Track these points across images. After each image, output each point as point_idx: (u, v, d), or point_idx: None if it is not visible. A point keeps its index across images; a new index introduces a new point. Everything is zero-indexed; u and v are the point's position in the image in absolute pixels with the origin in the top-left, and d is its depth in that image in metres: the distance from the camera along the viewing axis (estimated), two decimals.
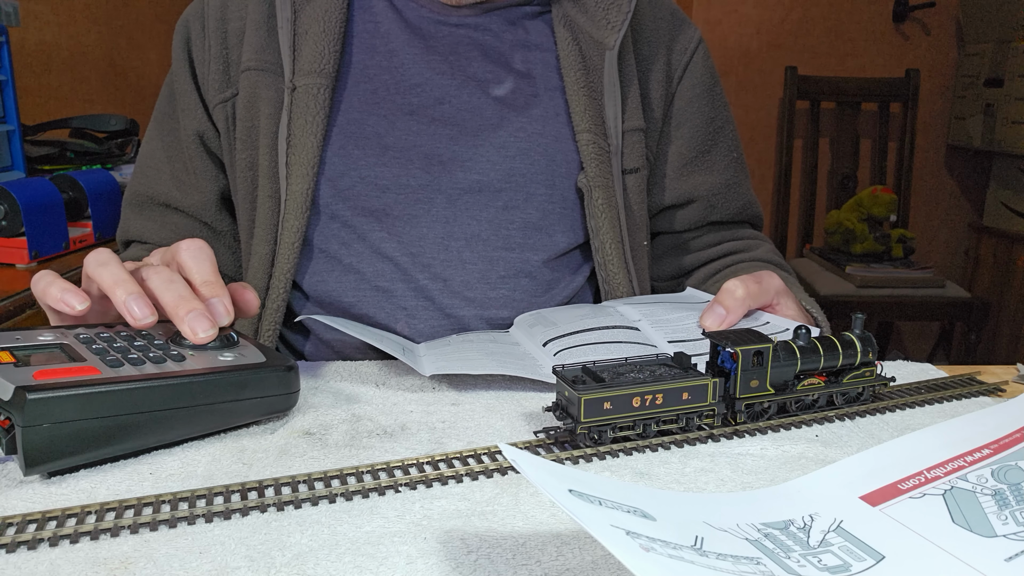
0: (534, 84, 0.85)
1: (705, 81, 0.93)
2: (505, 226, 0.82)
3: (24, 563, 0.40)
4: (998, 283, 2.65)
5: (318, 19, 0.82)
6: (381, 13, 0.85)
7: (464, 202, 0.82)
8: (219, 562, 0.40)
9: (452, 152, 0.82)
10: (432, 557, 0.41)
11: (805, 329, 0.60)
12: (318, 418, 0.58)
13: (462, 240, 0.81)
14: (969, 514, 0.42)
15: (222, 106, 0.85)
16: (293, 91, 0.80)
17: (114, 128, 1.61)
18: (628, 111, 0.86)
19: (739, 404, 0.57)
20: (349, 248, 0.81)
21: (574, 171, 0.84)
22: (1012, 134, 2.48)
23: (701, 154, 0.93)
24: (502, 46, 0.86)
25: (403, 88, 0.83)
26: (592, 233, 0.83)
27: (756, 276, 0.74)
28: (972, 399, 0.65)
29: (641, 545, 0.33)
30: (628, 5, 0.85)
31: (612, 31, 0.85)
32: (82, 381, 0.49)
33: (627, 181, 0.86)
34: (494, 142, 0.82)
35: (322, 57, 0.80)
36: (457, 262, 0.81)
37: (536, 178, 0.83)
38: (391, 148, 0.81)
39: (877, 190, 2.45)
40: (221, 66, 0.85)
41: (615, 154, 0.84)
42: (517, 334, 0.74)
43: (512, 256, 0.82)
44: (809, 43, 2.76)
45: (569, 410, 0.53)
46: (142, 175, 0.92)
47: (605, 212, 0.82)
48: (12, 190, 1.10)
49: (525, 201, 0.82)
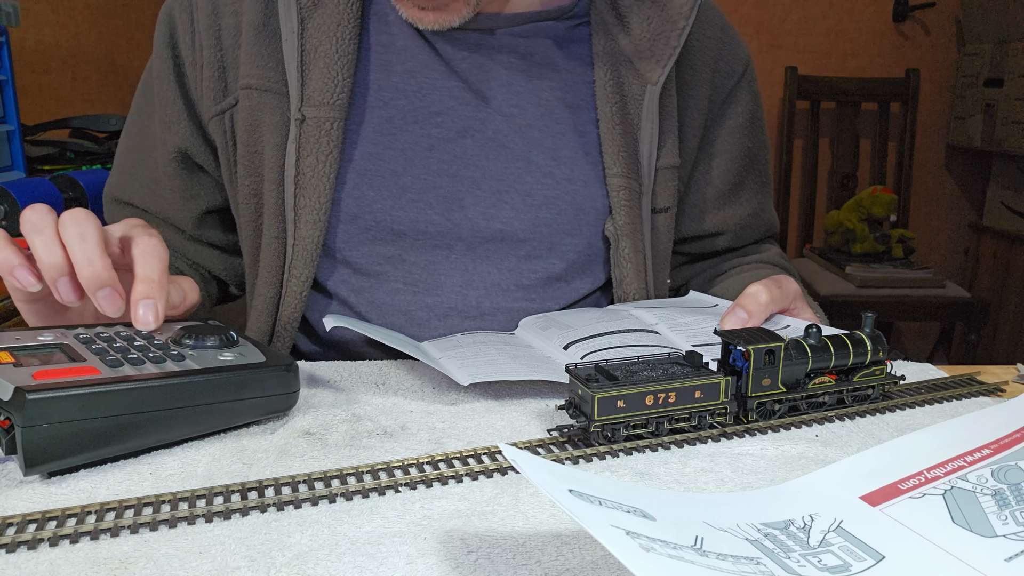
0: (563, 119, 0.78)
1: (749, 110, 0.88)
2: (527, 276, 0.78)
3: (24, 563, 0.40)
4: (998, 283, 2.65)
5: (329, 34, 0.72)
6: (397, 25, 0.77)
7: (485, 250, 0.77)
8: (219, 562, 0.40)
9: (475, 197, 0.76)
10: (432, 557, 0.41)
11: (816, 328, 0.60)
12: (318, 418, 0.58)
13: (481, 289, 0.77)
14: (969, 514, 0.42)
15: (219, 119, 0.77)
16: (302, 122, 0.72)
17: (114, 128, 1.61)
18: (664, 148, 0.79)
19: (751, 402, 0.57)
20: (360, 296, 0.77)
21: (601, 216, 0.79)
22: (1012, 134, 2.48)
23: (735, 187, 0.89)
24: (531, 70, 0.78)
25: (421, 117, 0.76)
26: (615, 283, 0.79)
27: (776, 281, 0.72)
28: (972, 399, 0.65)
29: (641, 545, 0.33)
30: (677, 40, 0.77)
31: (657, 65, 0.77)
32: (82, 381, 0.49)
33: (656, 221, 0.81)
34: (520, 189, 0.77)
35: (335, 84, 0.72)
36: (476, 313, 0.77)
37: (562, 228, 0.78)
38: (409, 189, 0.75)
39: (877, 190, 2.45)
40: (216, 71, 0.76)
41: (646, 194, 0.79)
42: (527, 336, 0.73)
43: (532, 307, 0.78)
44: (809, 43, 2.76)
45: (583, 408, 0.53)
46: (117, 176, 0.85)
47: (631, 261, 0.78)
48: (12, 190, 1.10)
49: (549, 251, 0.78)
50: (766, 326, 0.71)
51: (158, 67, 0.79)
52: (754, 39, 2.73)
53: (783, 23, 2.74)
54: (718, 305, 0.78)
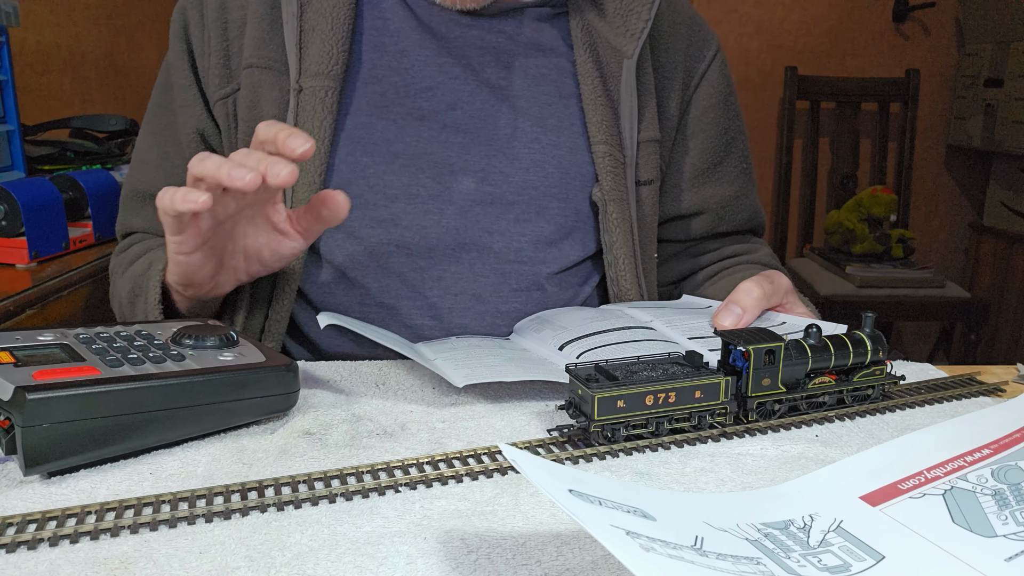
0: (549, 91, 0.82)
1: (722, 91, 0.91)
2: (517, 239, 0.80)
3: (24, 563, 0.40)
4: (998, 283, 2.65)
5: (326, 15, 0.78)
6: (391, 10, 0.82)
7: (475, 214, 0.79)
8: (219, 562, 0.40)
9: (464, 162, 0.79)
10: (432, 557, 0.41)
11: (816, 328, 0.60)
12: (318, 418, 0.58)
13: (473, 252, 0.79)
14: (969, 514, 0.42)
15: (223, 102, 0.82)
16: (299, 92, 0.77)
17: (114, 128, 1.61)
18: (644, 121, 0.84)
19: (751, 402, 0.57)
20: (354, 261, 0.79)
21: (588, 183, 0.82)
22: (1012, 134, 2.48)
23: (713, 166, 0.92)
24: (517, 49, 0.83)
25: (413, 91, 0.80)
26: (605, 248, 0.82)
27: (768, 276, 0.73)
28: (972, 399, 0.65)
29: (641, 545, 0.33)
30: (648, 12, 0.82)
31: (631, 39, 0.82)
32: (82, 381, 0.49)
33: (641, 193, 0.84)
34: (508, 153, 0.80)
35: (330, 57, 0.77)
36: (468, 275, 0.79)
37: (550, 192, 0.81)
38: (401, 155, 0.78)
39: (877, 190, 2.45)
40: (221, 59, 0.82)
41: (630, 165, 0.82)
42: (522, 341, 0.73)
43: (524, 269, 0.80)
44: (809, 43, 2.76)
45: (583, 408, 0.53)
46: (139, 171, 0.88)
47: (619, 226, 0.81)
48: (12, 190, 1.10)
49: (538, 215, 0.81)
50: (761, 323, 0.71)
51: (174, 59, 0.84)
52: (754, 39, 2.73)
53: (783, 23, 2.74)
54: (711, 307, 0.78)
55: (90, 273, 1.15)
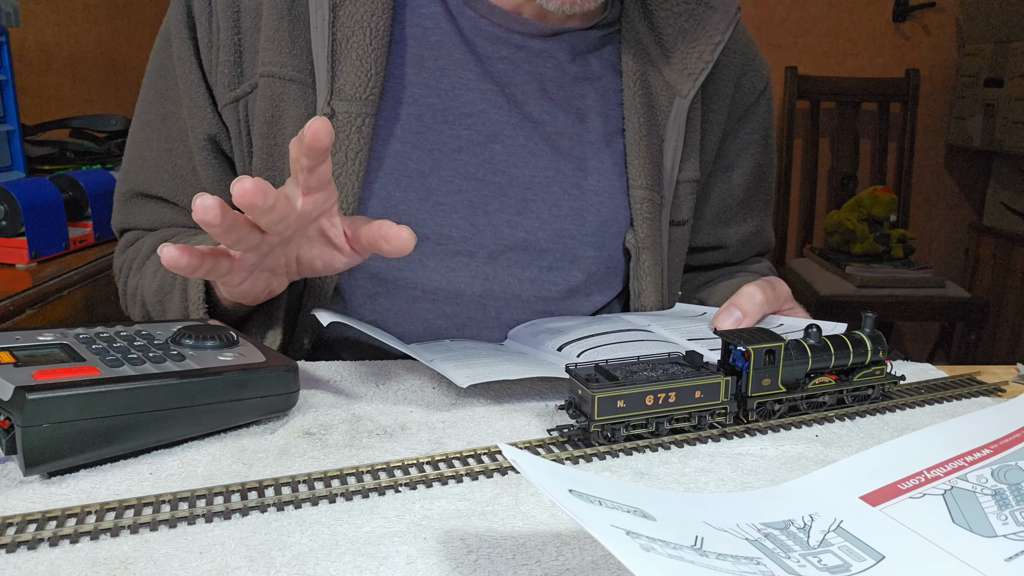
0: (593, 127, 0.77)
1: (764, 127, 0.88)
2: (547, 287, 0.76)
3: (24, 563, 0.40)
4: (998, 283, 2.65)
5: (363, 24, 0.69)
6: (432, 19, 0.74)
7: (506, 259, 0.75)
8: (219, 562, 0.40)
9: (500, 204, 0.74)
10: (432, 557, 0.41)
11: (816, 328, 0.60)
12: (318, 418, 0.58)
13: (501, 300, 0.75)
14: (969, 514, 0.42)
15: (232, 107, 0.74)
16: (331, 117, 0.69)
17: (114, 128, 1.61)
18: (687, 160, 0.79)
19: (751, 402, 0.57)
20: (376, 302, 0.74)
21: (623, 229, 0.78)
22: (1012, 134, 2.48)
23: (741, 203, 0.89)
24: (564, 79, 0.77)
25: (452, 117, 0.73)
26: (633, 295, 0.78)
27: (770, 282, 0.72)
28: (972, 399, 0.65)
29: (641, 545, 0.33)
30: (711, 55, 0.76)
31: (688, 78, 0.77)
32: (82, 381, 0.49)
33: (673, 233, 0.81)
34: (546, 199, 0.75)
35: (368, 79, 0.69)
36: (495, 325, 0.75)
37: (586, 240, 0.77)
38: (435, 192, 0.73)
39: (877, 190, 2.45)
40: (232, 56, 0.72)
41: (666, 206, 0.78)
42: (518, 345, 0.73)
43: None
44: (809, 43, 2.76)
45: (583, 408, 0.53)
46: (137, 169, 0.80)
47: (650, 274, 0.77)
48: (12, 190, 1.10)
49: (571, 263, 0.77)
50: (760, 325, 0.71)
51: (178, 48, 0.75)
52: (754, 39, 2.73)
53: (783, 23, 2.74)
54: (706, 313, 0.78)
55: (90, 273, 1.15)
